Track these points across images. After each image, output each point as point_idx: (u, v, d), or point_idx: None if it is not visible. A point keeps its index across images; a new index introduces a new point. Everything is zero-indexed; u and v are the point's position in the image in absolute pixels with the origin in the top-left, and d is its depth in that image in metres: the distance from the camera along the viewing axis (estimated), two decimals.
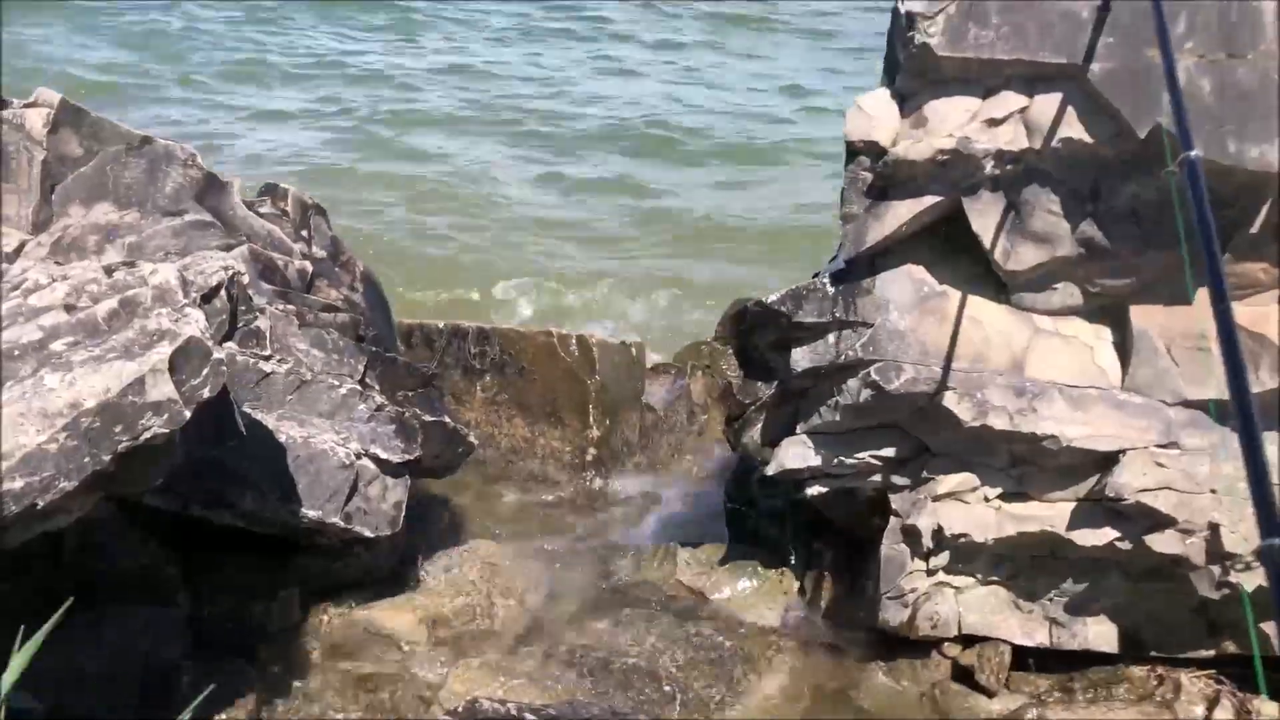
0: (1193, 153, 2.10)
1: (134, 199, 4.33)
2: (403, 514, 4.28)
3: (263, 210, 4.71)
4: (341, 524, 4.06)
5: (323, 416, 4.17)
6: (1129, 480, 3.65)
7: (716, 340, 6.44)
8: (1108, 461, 3.71)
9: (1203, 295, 2.17)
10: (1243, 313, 3.55)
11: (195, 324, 2.96)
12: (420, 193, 10.57)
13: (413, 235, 9.63)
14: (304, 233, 4.89)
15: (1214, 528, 3.64)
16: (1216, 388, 3.50)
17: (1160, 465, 3.66)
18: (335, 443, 4.11)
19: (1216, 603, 3.79)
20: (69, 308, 2.98)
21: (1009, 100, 3.58)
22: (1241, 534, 3.61)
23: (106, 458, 2.74)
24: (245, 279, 3.67)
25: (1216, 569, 3.72)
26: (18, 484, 2.63)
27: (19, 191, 4.19)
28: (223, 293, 3.34)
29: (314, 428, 4.12)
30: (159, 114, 12.11)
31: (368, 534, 4.17)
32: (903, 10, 3.58)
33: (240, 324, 3.93)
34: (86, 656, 3.48)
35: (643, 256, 9.50)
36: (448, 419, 4.55)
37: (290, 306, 4.27)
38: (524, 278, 8.56)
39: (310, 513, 3.97)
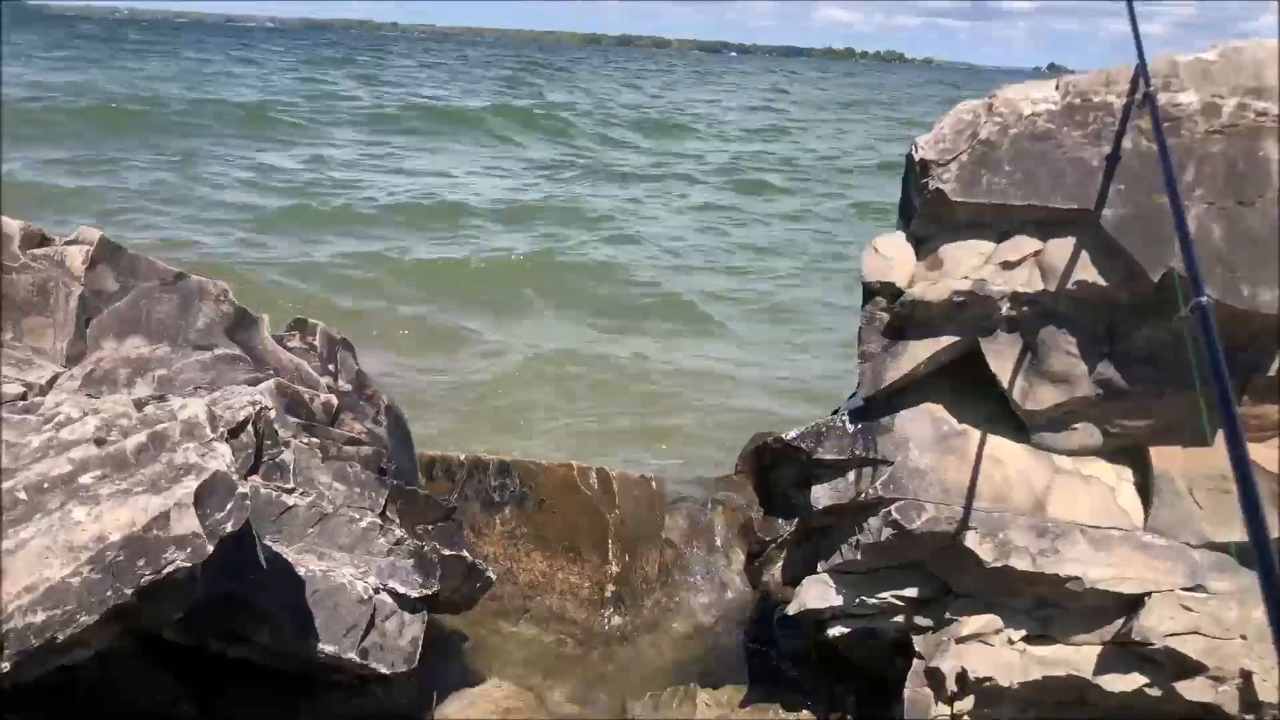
0: (1204, 299, 2.13)
1: (166, 333, 4.43)
2: (419, 650, 4.23)
3: (291, 345, 4.81)
4: (358, 660, 4.02)
5: (343, 550, 4.17)
6: (1155, 624, 3.59)
7: (737, 475, 6.44)
8: (1133, 604, 3.67)
9: (1223, 436, 2.18)
10: (1262, 454, 3.56)
11: (222, 458, 3.00)
12: None
13: None
14: (331, 366, 4.98)
15: (1246, 675, 3.57)
16: (1241, 530, 3.47)
17: (1187, 609, 3.61)
18: (354, 576, 4.10)
19: None
20: (99, 441, 3.03)
21: (1023, 244, 3.65)
22: (1274, 682, 3.53)
23: (129, 591, 2.75)
24: (272, 413, 3.73)
25: (1251, 719, 3.62)
26: (39, 618, 2.64)
27: (55, 325, 4.30)
28: (250, 427, 3.39)
29: (333, 561, 4.12)
30: None
31: (384, 670, 4.12)
32: (916, 158, 3.70)
33: (265, 457, 3.98)
34: None
35: None
36: (467, 553, 4.54)
37: (314, 439, 4.32)
38: None
39: (327, 648, 3.94)
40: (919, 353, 3.79)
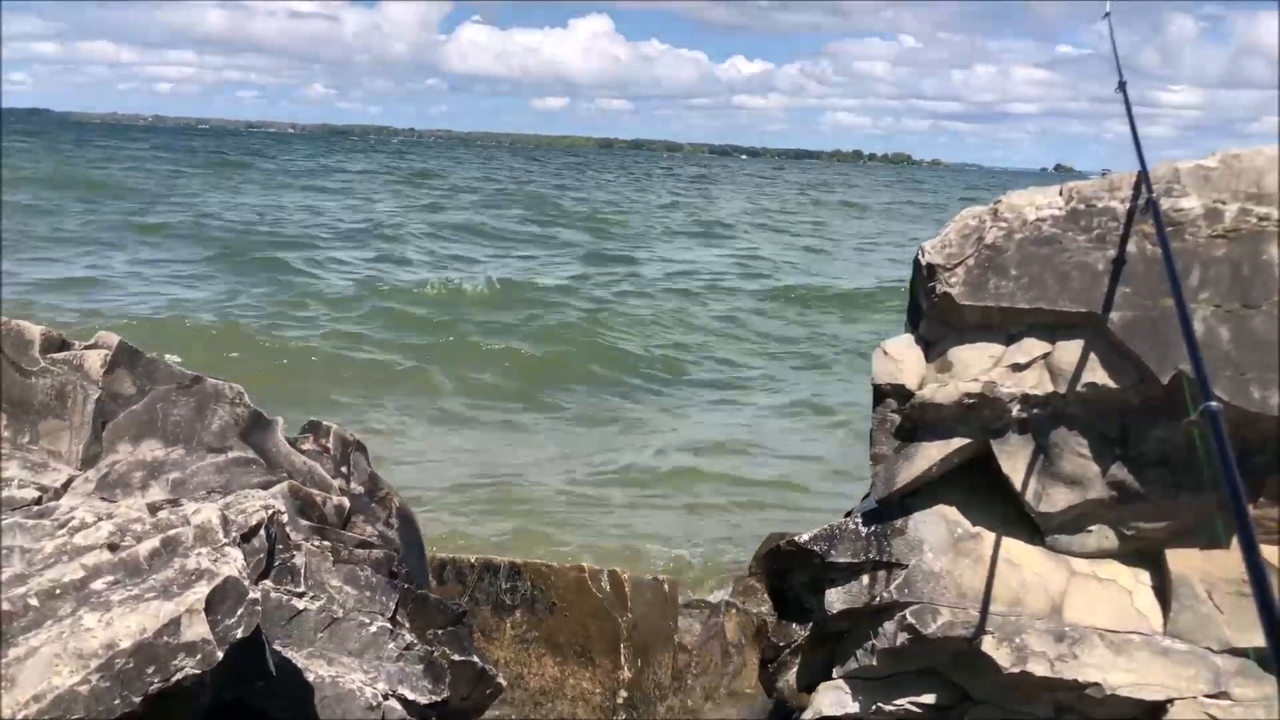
0: (1213, 404, 2.12)
1: (180, 436, 4.46)
2: None
3: (305, 447, 4.83)
4: None
5: (352, 655, 4.13)
6: None
7: (751, 576, 6.39)
8: (1156, 711, 3.59)
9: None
10: (1278, 556, 3.51)
11: (234, 563, 3.00)
12: None
13: None
14: (343, 469, 4.99)
15: None
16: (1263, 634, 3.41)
17: (1212, 717, 3.53)
18: (363, 682, 4.05)
19: None
20: (112, 547, 3.04)
21: (1031, 346, 3.68)
22: None
23: (137, 699, 2.72)
24: (284, 517, 3.73)
25: None
26: None
27: (71, 428, 4.34)
28: (262, 532, 3.39)
29: (343, 666, 4.08)
30: None
31: None
32: (923, 262, 3.74)
33: (277, 561, 3.96)
34: None
35: None
36: (477, 659, 4.49)
37: (326, 543, 4.31)
38: None
39: None
40: (931, 454, 3.79)
